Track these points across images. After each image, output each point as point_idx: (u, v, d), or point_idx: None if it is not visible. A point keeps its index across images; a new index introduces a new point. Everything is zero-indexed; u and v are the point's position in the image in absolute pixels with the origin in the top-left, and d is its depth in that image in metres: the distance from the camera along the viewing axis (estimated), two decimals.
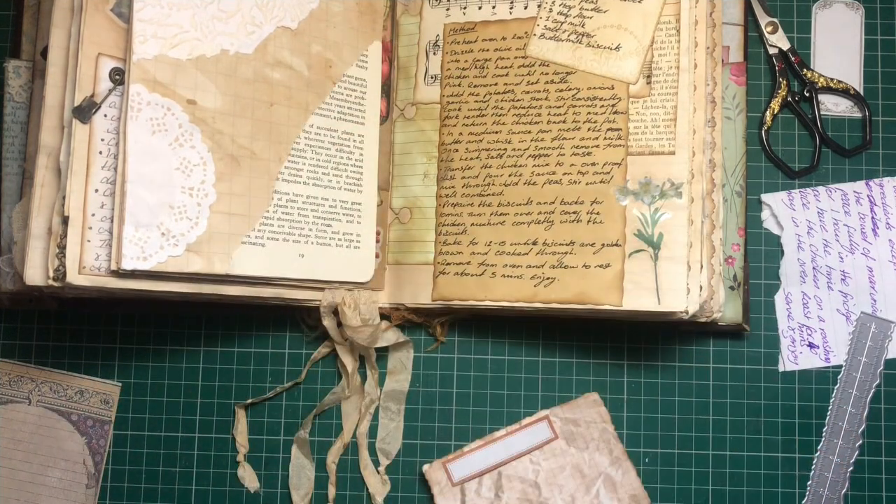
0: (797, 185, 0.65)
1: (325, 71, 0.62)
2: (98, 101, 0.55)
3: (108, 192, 0.55)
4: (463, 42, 0.64)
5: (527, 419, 0.63)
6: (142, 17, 0.55)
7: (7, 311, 0.67)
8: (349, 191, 0.62)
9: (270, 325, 0.66)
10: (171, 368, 0.66)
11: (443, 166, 0.63)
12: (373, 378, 0.65)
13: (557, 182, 0.60)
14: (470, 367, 0.65)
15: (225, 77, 0.58)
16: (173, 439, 0.66)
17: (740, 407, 0.64)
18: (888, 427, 0.63)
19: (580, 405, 0.64)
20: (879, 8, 0.66)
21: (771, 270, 0.65)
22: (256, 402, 0.66)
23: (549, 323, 0.65)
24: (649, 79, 0.59)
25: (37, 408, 0.66)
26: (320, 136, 0.61)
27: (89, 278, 0.54)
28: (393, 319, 0.65)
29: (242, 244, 0.57)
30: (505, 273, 0.60)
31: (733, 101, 0.63)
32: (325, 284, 0.61)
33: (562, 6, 0.61)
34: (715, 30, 0.60)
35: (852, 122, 0.66)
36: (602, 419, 0.63)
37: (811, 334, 0.64)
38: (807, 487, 0.63)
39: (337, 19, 0.62)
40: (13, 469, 0.65)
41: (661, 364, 0.65)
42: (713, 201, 0.60)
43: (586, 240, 0.59)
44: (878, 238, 0.64)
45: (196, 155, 0.56)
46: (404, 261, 0.64)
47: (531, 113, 0.61)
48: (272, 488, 0.65)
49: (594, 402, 0.64)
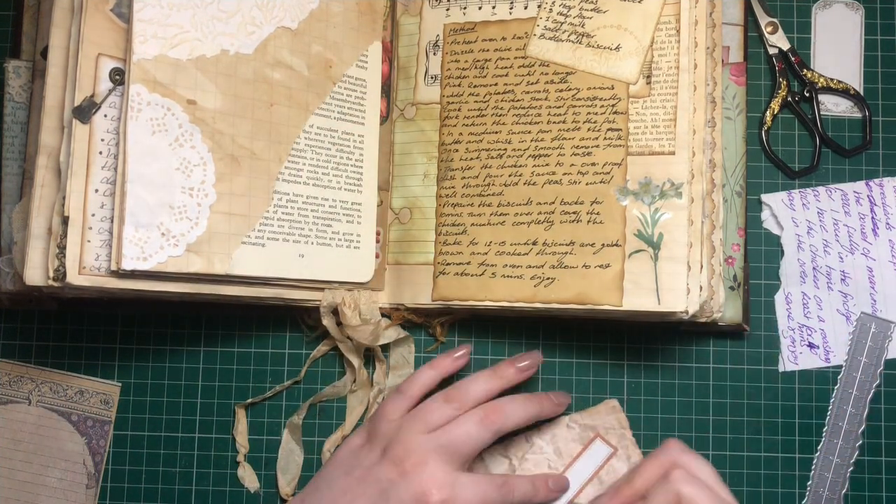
0: (797, 185, 0.65)
1: (326, 71, 0.62)
2: (98, 102, 0.55)
3: (108, 193, 0.55)
4: (463, 42, 0.64)
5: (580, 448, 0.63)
6: (142, 17, 0.55)
7: (7, 311, 0.67)
8: (349, 191, 0.62)
9: (270, 325, 0.66)
10: (171, 368, 0.66)
11: (443, 166, 0.63)
12: (381, 370, 0.65)
13: (557, 182, 0.60)
14: (470, 368, 0.65)
15: (225, 77, 0.58)
16: (173, 439, 0.66)
17: (740, 407, 0.64)
18: (888, 427, 0.63)
19: (599, 412, 0.63)
20: (879, 8, 0.66)
21: (771, 270, 0.65)
22: (256, 401, 0.66)
23: (549, 323, 0.65)
24: (649, 79, 0.59)
25: (37, 408, 0.66)
26: (320, 137, 0.61)
27: (89, 278, 0.54)
28: (393, 320, 0.65)
29: (242, 244, 0.58)
30: (505, 273, 0.60)
31: (733, 101, 0.63)
32: (325, 284, 0.61)
33: (562, 6, 0.61)
34: (715, 30, 0.60)
35: (852, 122, 0.66)
36: (621, 425, 0.63)
37: (811, 334, 0.64)
38: (807, 487, 0.63)
39: (337, 19, 0.62)
40: (13, 469, 0.65)
41: (661, 364, 0.65)
42: (713, 201, 0.60)
43: (586, 240, 0.59)
44: (878, 238, 0.64)
45: (196, 155, 0.56)
46: (404, 261, 0.64)
47: (531, 113, 0.61)
48: (272, 488, 0.65)
49: (613, 409, 0.63)
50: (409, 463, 0.55)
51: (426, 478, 0.54)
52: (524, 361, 0.61)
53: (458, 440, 0.56)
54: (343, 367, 0.66)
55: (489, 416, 0.57)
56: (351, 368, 0.65)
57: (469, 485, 0.55)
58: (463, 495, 0.54)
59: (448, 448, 0.55)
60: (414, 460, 0.55)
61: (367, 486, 0.55)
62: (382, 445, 0.57)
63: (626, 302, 0.57)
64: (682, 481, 0.53)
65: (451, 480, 0.55)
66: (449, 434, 0.56)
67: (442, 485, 0.54)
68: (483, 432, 0.56)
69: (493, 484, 0.56)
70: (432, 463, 0.55)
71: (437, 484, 0.54)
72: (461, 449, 0.56)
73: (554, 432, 0.63)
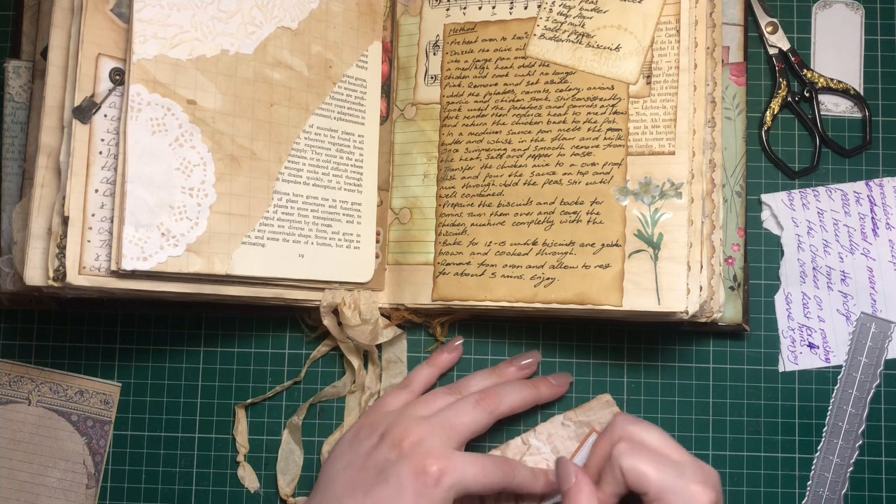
0: (797, 185, 0.65)
1: (326, 71, 0.62)
2: (98, 102, 0.55)
3: (108, 193, 0.55)
4: (463, 42, 0.64)
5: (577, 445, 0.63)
6: (142, 17, 0.55)
7: (7, 312, 0.67)
8: (349, 191, 0.62)
9: (270, 325, 0.66)
10: (171, 368, 0.66)
11: (443, 166, 0.63)
12: (374, 373, 0.65)
13: (557, 182, 0.60)
14: (470, 368, 0.65)
15: (225, 77, 0.58)
16: (173, 439, 0.66)
17: (740, 407, 0.64)
18: (888, 427, 0.63)
19: (593, 407, 0.63)
20: (879, 8, 0.66)
21: (771, 270, 0.65)
22: (256, 401, 0.66)
23: (549, 323, 0.65)
24: (649, 79, 0.59)
25: (37, 408, 0.66)
26: (320, 137, 0.61)
27: (89, 278, 0.54)
28: (393, 320, 0.65)
29: (242, 244, 0.58)
30: (505, 273, 0.60)
31: (733, 102, 0.63)
32: (325, 285, 0.61)
33: (562, 6, 0.61)
34: (715, 30, 0.60)
35: (852, 123, 0.66)
36: None
37: (811, 334, 0.64)
38: (807, 487, 0.63)
39: (337, 20, 0.62)
40: (13, 469, 0.65)
41: (661, 364, 0.65)
42: (713, 201, 0.60)
43: (586, 240, 0.59)
44: (878, 238, 0.64)
45: (196, 155, 0.56)
46: (404, 261, 0.64)
47: (531, 113, 0.61)
48: (272, 488, 0.65)
49: (607, 403, 0.64)
50: (406, 442, 0.55)
51: (423, 452, 0.54)
52: (524, 360, 0.62)
53: (454, 420, 0.56)
54: (343, 367, 0.66)
55: (485, 398, 0.58)
56: (351, 369, 0.65)
57: (468, 459, 0.55)
58: (461, 466, 0.54)
59: (445, 427, 0.56)
60: (412, 439, 0.55)
61: (367, 471, 0.55)
62: (380, 432, 0.57)
63: (626, 302, 0.57)
64: (623, 455, 0.52)
65: (448, 454, 0.54)
66: (446, 414, 0.56)
67: (440, 456, 0.54)
68: (480, 414, 0.57)
69: (494, 462, 0.56)
70: (429, 439, 0.55)
71: (435, 455, 0.54)
72: (458, 428, 0.56)
73: (549, 431, 0.63)
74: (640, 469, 0.51)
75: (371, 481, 0.54)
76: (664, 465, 0.51)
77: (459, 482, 0.54)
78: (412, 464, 0.54)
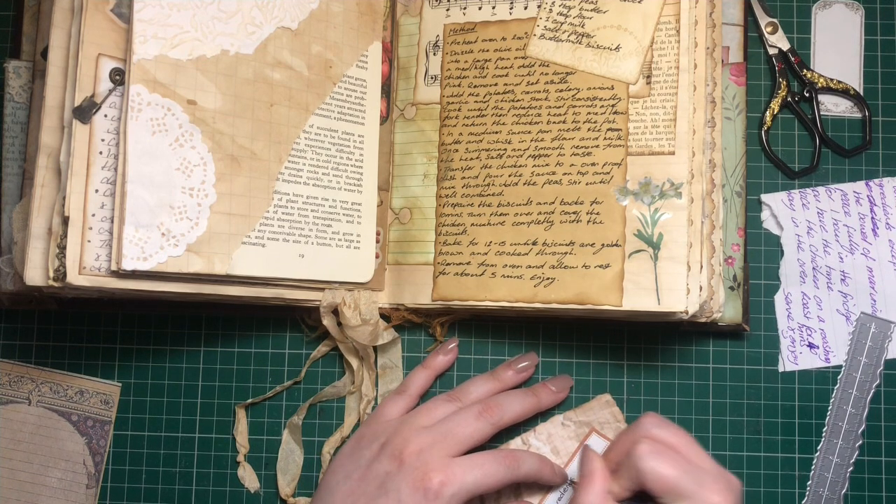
0: (797, 185, 0.65)
1: (326, 71, 0.62)
2: (98, 102, 0.55)
3: (108, 193, 0.55)
4: (463, 42, 0.64)
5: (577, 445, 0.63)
6: (142, 17, 0.55)
7: (7, 312, 0.67)
8: (349, 191, 0.62)
9: (270, 325, 0.66)
10: (171, 368, 0.66)
11: (443, 166, 0.63)
12: (370, 379, 0.65)
13: (557, 182, 0.60)
14: (470, 368, 0.65)
15: (225, 77, 0.58)
16: (173, 439, 0.66)
17: (740, 407, 0.64)
18: (888, 427, 0.63)
19: (593, 407, 0.63)
20: (879, 8, 0.66)
21: (771, 270, 0.65)
22: (256, 402, 0.66)
23: (549, 323, 0.65)
24: (649, 79, 0.59)
25: (37, 408, 0.66)
26: (320, 137, 0.61)
27: (89, 279, 0.54)
28: (393, 320, 0.65)
29: (243, 244, 0.58)
30: (505, 273, 0.60)
31: (733, 102, 0.63)
32: (325, 285, 0.61)
33: (562, 7, 0.61)
34: (715, 30, 0.60)
35: (852, 123, 0.66)
36: (616, 419, 0.63)
37: (811, 334, 0.64)
38: (807, 487, 0.63)
39: (337, 20, 0.63)
40: (13, 469, 0.65)
41: (661, 364, 0.65)
42: (713, 201, 0.60)
43: (586, 240, 0.59)
44: (878, 238, 0.64)
45: (196, 155, 0.56)
46: (404, 261, 0.64)
47: (531, 113, 0.61)
48: (272, 488, 0.65)
49: (607, 403, 0.64)
50: (406, 453, 0.55)
51: (423, 463, 0.54)
52: (521, 363, 0.62)
53: (456, 430, 0.56)
54: (343, 367, 0.66)
55: (487, 409, 0.57)
56: (351, 369, 0.65)
57: (468, 463, 0.55)
58: (462, 474, 0.54)
59: (446, 438, 0.55)
60: (411, 449, 0.55)
61: (367, 483, 0.55)
62: (381, 442, 0.57)
63: (626, 302, 0.57)
64: (643, 456, 0.52)
65: (448, 462, 0.54)
66: (448, 425, 0.56)
67: (440, 467, 0.54)
68: (482, 425, 0.56)
69: (494, 459, 0.55)
70: (429, 451, 0.54)
71: (436, 467, 0.54)
72: (459, 439, 0.56)
73: (549, 432, 0.63)
74: (658, 471, 0.51)
75: (371, 493, 0.54)
76: (684, 470, 0.51)
77: (461, 490, 0.54)
78: (412, 476, 0.53)
